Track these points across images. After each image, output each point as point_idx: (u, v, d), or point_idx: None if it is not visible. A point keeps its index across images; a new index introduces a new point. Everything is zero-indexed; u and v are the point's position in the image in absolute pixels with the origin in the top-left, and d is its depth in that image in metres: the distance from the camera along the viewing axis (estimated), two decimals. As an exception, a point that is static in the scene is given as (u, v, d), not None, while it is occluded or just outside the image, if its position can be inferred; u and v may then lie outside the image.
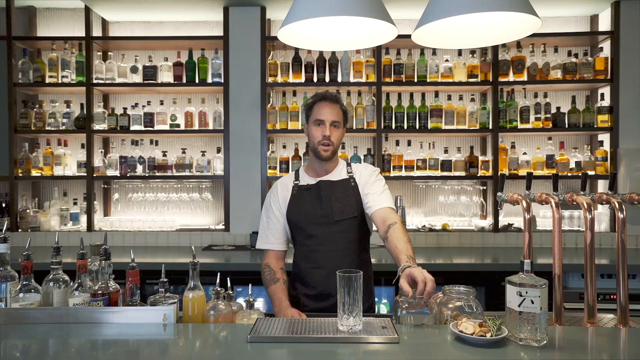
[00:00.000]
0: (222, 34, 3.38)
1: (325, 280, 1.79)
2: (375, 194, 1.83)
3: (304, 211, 1.86)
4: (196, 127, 3.39)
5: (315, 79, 3.33)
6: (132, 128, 3.36)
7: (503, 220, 3.40)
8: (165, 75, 3.37)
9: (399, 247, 1.61)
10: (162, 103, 3.41)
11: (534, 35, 3.08)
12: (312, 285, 1.84)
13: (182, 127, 3.40)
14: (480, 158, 3.36)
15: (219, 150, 3.41)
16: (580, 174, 2.77)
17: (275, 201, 1.93)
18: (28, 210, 3.36)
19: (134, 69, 3.38)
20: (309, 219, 1.85)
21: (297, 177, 1.95)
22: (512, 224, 3.37)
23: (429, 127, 3.30)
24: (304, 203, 1.87)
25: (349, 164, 1.95)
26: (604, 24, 3.38)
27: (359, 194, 1.86)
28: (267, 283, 1.84)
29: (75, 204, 3.46)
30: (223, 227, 3.42)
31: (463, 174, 3.30)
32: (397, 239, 1.64)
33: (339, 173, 1.92)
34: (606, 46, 3.32)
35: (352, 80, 3.31)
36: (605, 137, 3.31)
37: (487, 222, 3.40)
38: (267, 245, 1.93)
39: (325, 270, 1.80)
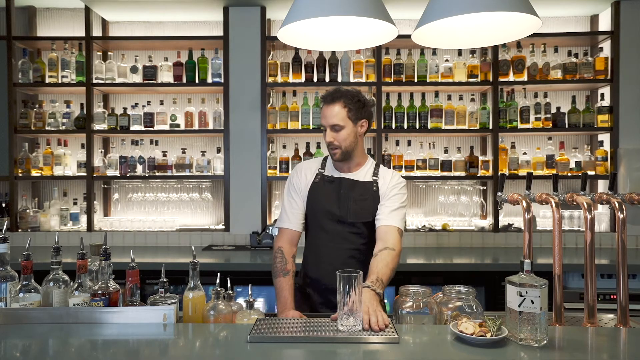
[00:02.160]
0: (222, 34, 3.38)
1: (331, 276, 1.76)
2: (389, 208, 1.78)
3: (321, 204, 1.83)
4: (196, 127, 3.39)
5: (315, 79, 3.33)
6: (132, 128, 3.36)
7: (503, 220, 3.40)
8: (165, 75, 3.37)
9: (378, 266, 1.62)
10: (162, 103, 3.41)
11: (534, 35, 3.08)
12: (318, 278, 1.83)
13: (182, 127, 3.40)
14: (480, 158, 3.36)
15: (219, 150, 3.41)
16: (580, 174, 2.77)
17: (298, 183, 1.89)
18: (28, 210, 3.36)
19: (134, 69, 3.38)
20: (324, 213, 1.82)
21: (323, 166, 1.90)
22: (512, 224, 3.37)
23: (429, 127, 3.30)
24: (323, 196, 1.84)
25: (377, 166, 1.89)
26: (604, 24, 3.38)
27: (378, 199, 1.82)
28: (277, 272, 1.77)
29: (75, 204, 3.45)
30: (223, 227, 3.42)
31: (463, 174, 3.30)
32: (382, 260, 1.64)
33: (364, 174, 1.86)
34: (606, 46, 3.32)
35: (352, 80, 3.31)
36: (605, 137, 3.31)
37: (487, 222, 3.40)
38: (285, 224, 1.86)
39: (332, 267, 1.76)
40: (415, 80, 3.30)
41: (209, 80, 3.40)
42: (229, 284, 1.55)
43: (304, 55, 3.32)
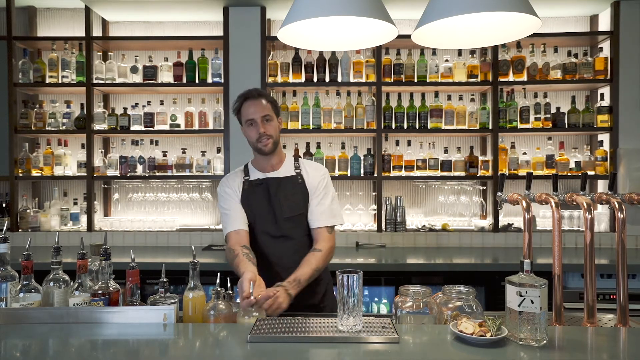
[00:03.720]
0: (222, 34, 3.38)
1: (278, 277, 1.74)
2: (316, 207, 1.87)
3: (256, 207, 1.87)
4: (196, 127, 3.39)
5: (315, 79, 3.33)
6: (132, 128, 3.36)
7: (503, 220, 3.40)
8: (165, 75, 3.37)
9: (301, 267, 1.72)
10: (162, 103, 3.41)
11: (534, 35, 3.09)
12: (270, 281, 1.76)
13: (182, 127, 3.40)
14: (480, 158, 3.36)
15: (219, 150, 3.41)
16: (580, 174, 2.77)
17: (231, 192, 1.89)
18: (28, 210, 3.36)
19: (134, 69, 3.39)
20: (260, 215, 1.86)
21: (246, 173, 1.94)
22: (512, 224, 3.37)
23: (428, 127, 3.30)
24: (254, 199, 1.88)
25: (296, 159, 1.96)
26: (604, 24, 3.38)
27: (306, 191, 1.89)
28: (231, 264, 1.75)
29: (75, 204, 3.45)
30: (223, 227, 3.42)
31: (463, 174, 3.30)
32: (306, 261, 1.75)
33: (286, 169, 1.92)
34: (606, 46, 3.32)
35: (352, 80, 3.31)
36: (605, 137, 3.31)
37: (487, 222, 3.40)
38: (228, 229, 1.84)
39: (281, 266, 1.82)
40: (415, 80, 3.30)
41: (209, 80, 3.40)
42: (229, 284, 1.55)
43: (304, 55, 3.32)
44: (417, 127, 3.30)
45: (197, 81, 3.36)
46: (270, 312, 1.48)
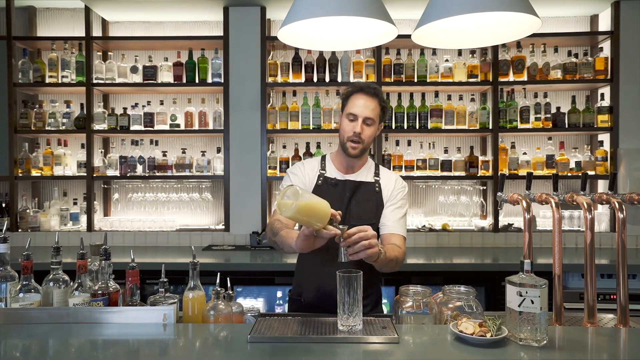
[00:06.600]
0: (222, 34, 3.38)
1: (329, 281, 1.70)
2: (395, 216, 1.78)
3: None
4: (196, 127, 3.39)
5: (315, 79, 3.33)
6: (132, 128, 3.36)
7: (503, 220, 3.40)
8: (165, 75, 3.37)
9: (386, 246, 1.63)
10: (162, 103, 3.41)
11: (534, 35, 3.08)
12: (315, 283, 1.78)
13: (182, 127, 3.40)
14: (480, 158, 3.36)
15: (219, 150, 3.41)
16: (580, 174, 2.77)
17: (303, 177, 1.81)
18: (28, 210, 3.36)
19: (134, 69, 3.38)
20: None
21: (323, 167, 1.85)
22: (512, 224, 3.37)
23: (429, 127, 3.30)
24: (329, 199, 1.80)
25: (377, 166, 1.88)
26: (604, 24, 3.38)
27: (381, 200, 1.81)
28: (276, 231, 1.65)
29: (75, 204, 3.45)
30: (223, 227, 3.42)
31: (463, 174, 3.30)
32: (389, 246, 1.66)
33: (365, 174, 1.84)
34: (606, 46, 3.32)
35: (352, 80, 3.31)
36: (605, 137, 3.31)
37: (487, 222, 3.40)
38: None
39: (331, 271, 1.76)
40: (415, 80, 3.30)
41: (209, 80, 3.40)
42: (229, 284, 1.55)
43: (304, 55, 3.32)
44: (417, 127, 3.30)
45: (197, 81, 3.36)
46: (356, 241, 1.39)
